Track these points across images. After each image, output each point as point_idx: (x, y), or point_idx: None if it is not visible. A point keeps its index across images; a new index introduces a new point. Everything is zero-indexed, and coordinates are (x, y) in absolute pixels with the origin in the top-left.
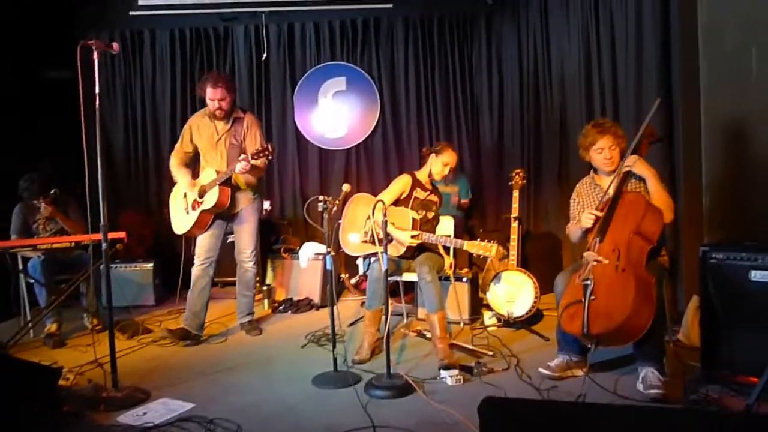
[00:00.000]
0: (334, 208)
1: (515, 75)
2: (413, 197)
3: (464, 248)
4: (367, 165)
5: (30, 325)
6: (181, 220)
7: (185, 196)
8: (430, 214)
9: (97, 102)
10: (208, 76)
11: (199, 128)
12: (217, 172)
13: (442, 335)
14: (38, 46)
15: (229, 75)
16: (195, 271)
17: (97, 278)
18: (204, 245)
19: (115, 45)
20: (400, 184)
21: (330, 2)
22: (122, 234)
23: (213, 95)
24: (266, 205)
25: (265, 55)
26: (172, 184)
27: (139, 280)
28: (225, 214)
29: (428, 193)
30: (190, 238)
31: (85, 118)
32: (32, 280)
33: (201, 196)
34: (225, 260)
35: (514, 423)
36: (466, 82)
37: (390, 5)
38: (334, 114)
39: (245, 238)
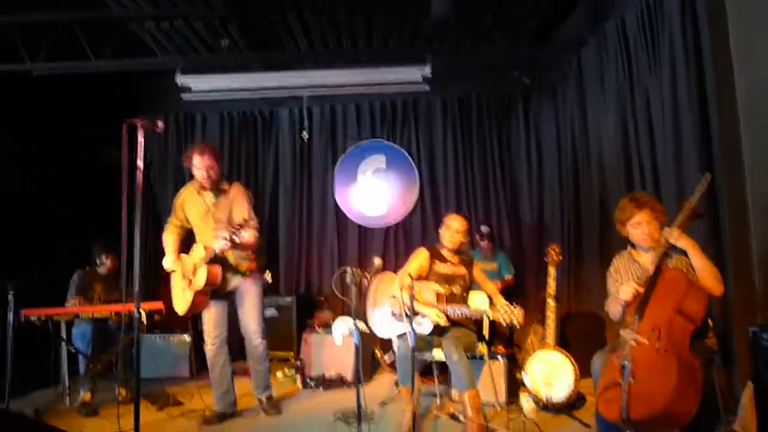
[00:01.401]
0: (365, 281)
1: (554, 153)
2: (433, 271)
3: (490, 317)
4: (405, 243)
5: (67, 393)
6: (179, 299)
7: (183, 276)
8: (456, 289)
9: (140, 176)
10: (193, 146)
11: (189, 202)
12: (205, 249)
13: (474, 416)
14: (96, 130)
15: (214, 145)
16: (208, 351)
17: (128, 348)
18: (211, 323)
19: (159, 123)
20: (419, 257)
21: (370, 85)
22: (160, 304)
23: (201, 163)
24: (267, 276)
25: (306, 136)
26: None
27: (175, 351)
28: (222, 290)
29: (450, 265)
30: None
31: (129, 193)
32: (74, 349)
33: (194, 274)
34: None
35: None
36: (504, 161)
37: (428, 87)
38: (374, 191)
39: (248, 315)
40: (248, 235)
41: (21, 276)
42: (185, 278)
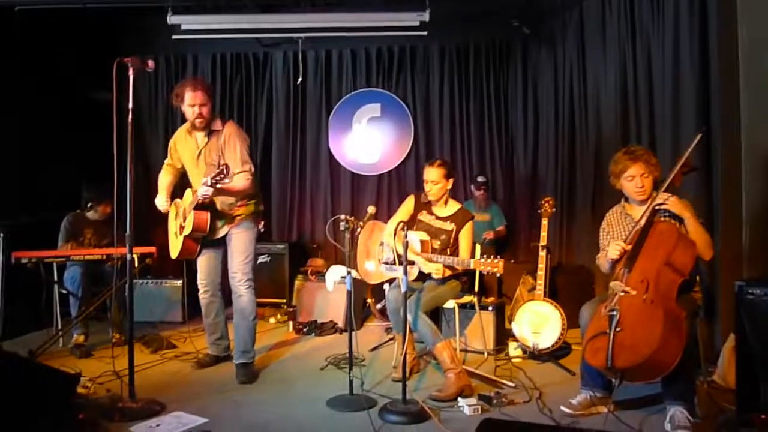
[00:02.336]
0: (358, 229)
1: (551, 104)
2: (417, 220)
3: (471, 267)
4: (399, 191)
5: (60, 334)
6: (173, 243)
7: (176, 217)
8: (435, 243)
9: (130, 116)
10: (184, 81)
11: (181, 143)
12: (193, 194)
13: (450, 365)
14: (84, 71)
15: (206, 81)
16: (201, 299)
17: (121, 292)
18: (203, 270)
19: (150, 62)
20: (406, 204)
21: (366, 30)
22: (152, 249)
23: (193, 100)
24: (260, 224)
25: (300, 79)
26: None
27: (168, 297)
28: (211, 238)
29: (436, 219)
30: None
31: (119, 133)
32: (66, 291)
33: (185, 219)
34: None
35: None
36: (500, 111)
37: (425, 33)
38: (368, 140)
39: (234, 261)
40: (237, 181)
41: (11, 218)
42: (178, 223)
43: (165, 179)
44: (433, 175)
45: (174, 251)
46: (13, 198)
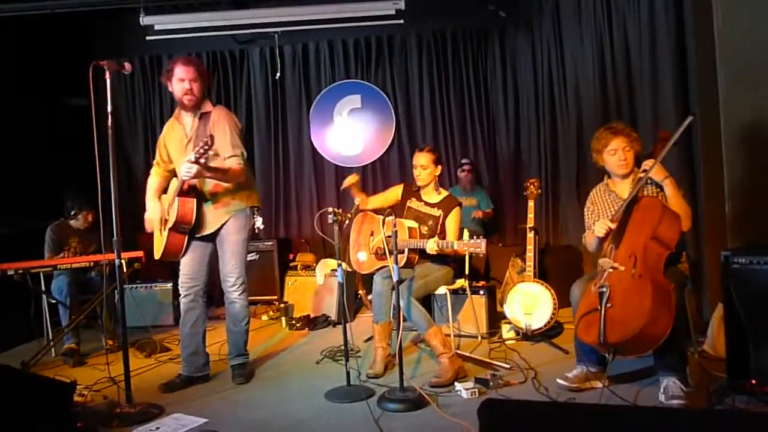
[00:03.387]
0: (346, 221)
1: (530, 86)
2: (407, 207)
3: (455, 248)
4: (384, 181)
5: (51, 344)
6: (157, 242)
7: (161, 217)
8: (424, 229)
9: (110, 120)
10: (177, 58)
11: (169, 135)
12: (178, 180)
13: (443, 350)
14: (58, 75)
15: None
16: (181, 304)
17: (111, 298)
18: (186, 272)
19: (127, 65)
20: (392, 189)
21: (343, 21)
22: (140, 253)
23: (183, 73)
24: (258, 222)
25: (279, 74)
26: None
27: (159, 300)
28: (199, 233)
29: (425, 205)
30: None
31: (99, 138)
32: (55, 300)
33: (169, 212)
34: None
35: (515, 424)
36: (481, 96)
37: (402, 21)
38: (350, 131)
39: (227, 263)
40: (229, 164)
41: None
42: (162, 219)
43: (154, 181)
44: (422, 159)
45: (158, 250)
46: None
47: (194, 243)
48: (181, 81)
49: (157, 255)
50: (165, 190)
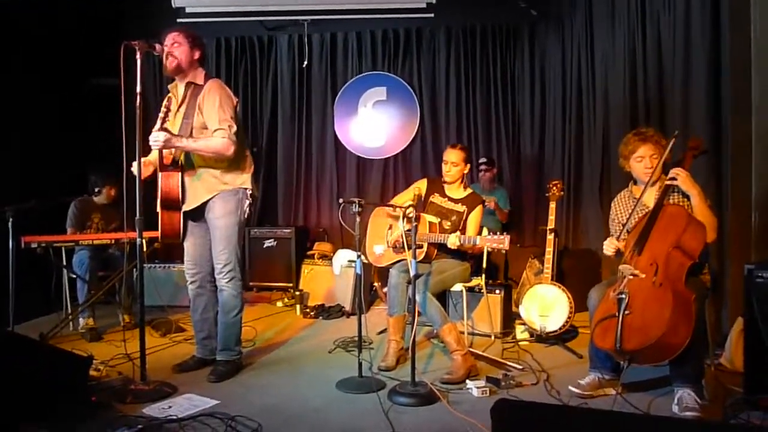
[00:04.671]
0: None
1: (558, 87)
2: (429, 202)
3: (477, 244)
4: (405, 175)
5: (70, 318)
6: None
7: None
8: (446, 224)
9: (138, 100)
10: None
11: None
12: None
13: (456, 347)
14: (89, 55)
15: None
16: (189, 291)
17: (130, 276)
18: (188, 258)
19: (157, 46)
20: (416, 185)
21: (372, 12)
22: (157, 233)
23: (169, 39)
24: (245, 205)
25: (306, 62)
26: None
27: (176, 281)
28: (189, 210)
29: (449, 200)
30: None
31: (127, 117)
32: (75, 275)
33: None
34: (260, 262)
35: (528, 426)
36: (507, 94)
37: (432, 15)
38: (374, 123)
39: (215, 247)
40: (212, 140)
41: (20, 203)
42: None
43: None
44: (453, 156)
45: (159, 233)
46: (19, 183)
47: (191, 226)
48: (165, 46)
49: (159, 238)
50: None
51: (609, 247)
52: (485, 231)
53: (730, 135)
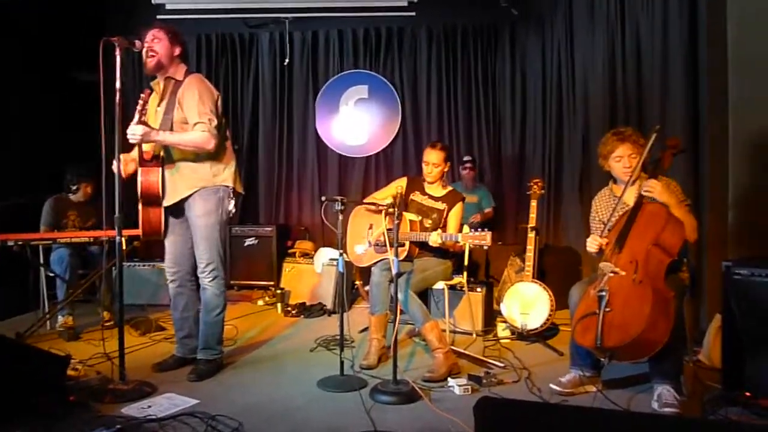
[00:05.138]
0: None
1: (539, 85)
2: (409, 200)
3: (459, 242)
4: (387, 173)
5: (47, 316)
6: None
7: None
8: (427, 222)
9: (117, 96)
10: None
11: (150, 105)
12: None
13: (438, 345)
14: (68, 49)
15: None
16: (170, 289)
17: (109, 274)
18: (169, 257)
19: (137, 42)
20: (393, 184)
21: (354, 10)
22: (139, 231)
23: (149, 35)
24: (230, 205)
25: (287, 60)
26: None
27: (156, 280)
28: (168, 206)
29: (429, 198)
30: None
31: (106, 113)
32: (53, 274)
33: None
34: (241, 261)
35: (511, 424)
36: (488, 92)
37: (413, 14)
38: (356, 121)
39: (197, 247)
40: (191, 134)
41: None
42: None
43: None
44: (434, 157)
45: (140, 230)
46: None
47: (172, 224)
48: (145, 43)
49: (141, 236)
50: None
51: (592, 244)
52: (466, 229)
53: (707, 134)
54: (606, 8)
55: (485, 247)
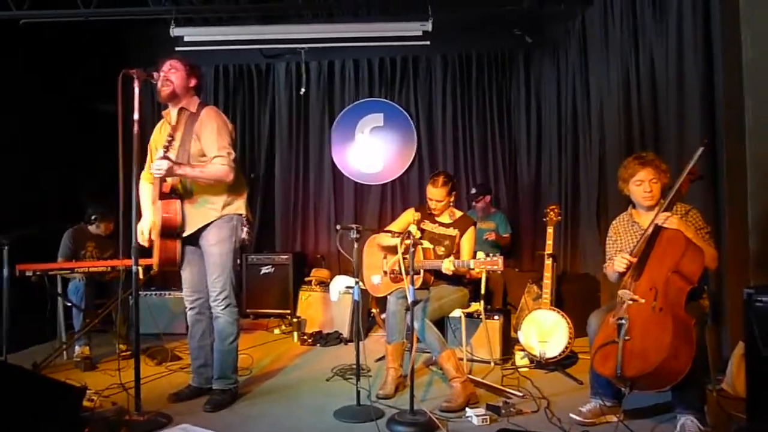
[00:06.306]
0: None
1: (554, 113)
2: (420, 229)
3: (471, 267)
4: (402, 200)
5: (64, 347)
6: (154, 251)
7: (154, 224)
8: (440, 249)
9: (136, 128)
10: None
11: (158, 136)
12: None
13: (456, 374)
14: (88, 82)
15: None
16: (188, 317)
17: (125, 304)
18: (187, 285)
19: (155, 74)
20: (404, 217)
21: (369, 40)
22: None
23: (165, 66)
24: (243, 233)
25: (303, 90)
26: None
27: (172, 308)
28: (182, 235)
29: (440, 226)
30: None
31: (125, 144)
32: (70, 304)
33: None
34: (257, 289)
35: None
36: (503, 120)
37: (428, 43)
38: (371, 149)
39: (210, 275)
40: (211, 167)
41: (15, 230)
42: (155, 226)
43: (145, 189)
44: (437, 194)
45: (155, 259)
46: (15, 210)
47: (188, 253)
48: (161, 72)
49: (154, 264)
50: None
51: (621, 262)
52: (480, 255)
53: (725, 160)
54: (620, 34)
55: (499, 272)
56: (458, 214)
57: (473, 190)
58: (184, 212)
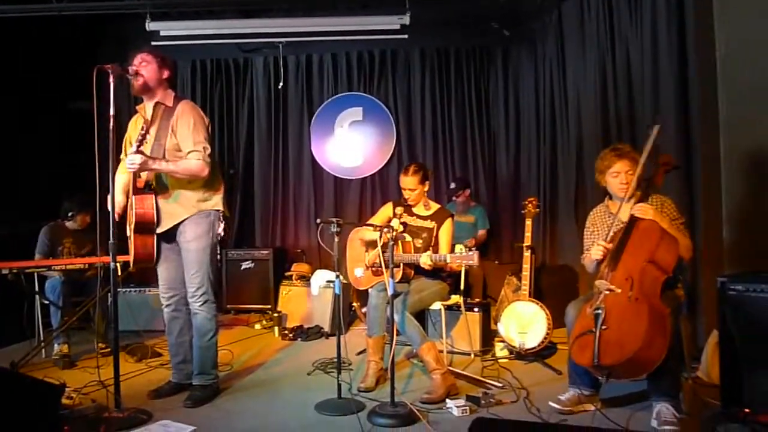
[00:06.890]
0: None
1: (532, 105)
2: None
3: (448, 262)
4: (382, 194)
5: (42, 345)
6: (130, 250)
7: (129, 220)
8: (418, 242)
9: (112, 123)
10: None
11: (133, 129)
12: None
13: (436, 366)
14: (63, 77)
15: (168, 56)
16: (164, 314)
17: (104, 301)
18: (162, 282)
19: (131, 69)
20: (382, 210)
21: (347, 33)
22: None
23: (137, 59)
24: (219, 228)
25: (282, 84)
26: None
27: (151, 305)
28: (161, 233)
29: (417, 218)
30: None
31: (100, 141)
32: (48, 301)
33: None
34: (237, 284)
35: None
36: (482, 113)
37: (406, 36)
38: (350, 143)
39: (187, 271)
40: (186, 163)
41: None
42: (130, 221)
43: (120, 179)
44: (409, 183)
45: (132, 257)
46: None
47: (164, 249)
48: (134, 66)
49: (132, 264)
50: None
51: (597, 250)
52: (458, 247)
53: (699, 151)
54: (596, 28)
55: (474, 267)
56: (435, 206)
57: (452, 185)
58: (159, 208)
